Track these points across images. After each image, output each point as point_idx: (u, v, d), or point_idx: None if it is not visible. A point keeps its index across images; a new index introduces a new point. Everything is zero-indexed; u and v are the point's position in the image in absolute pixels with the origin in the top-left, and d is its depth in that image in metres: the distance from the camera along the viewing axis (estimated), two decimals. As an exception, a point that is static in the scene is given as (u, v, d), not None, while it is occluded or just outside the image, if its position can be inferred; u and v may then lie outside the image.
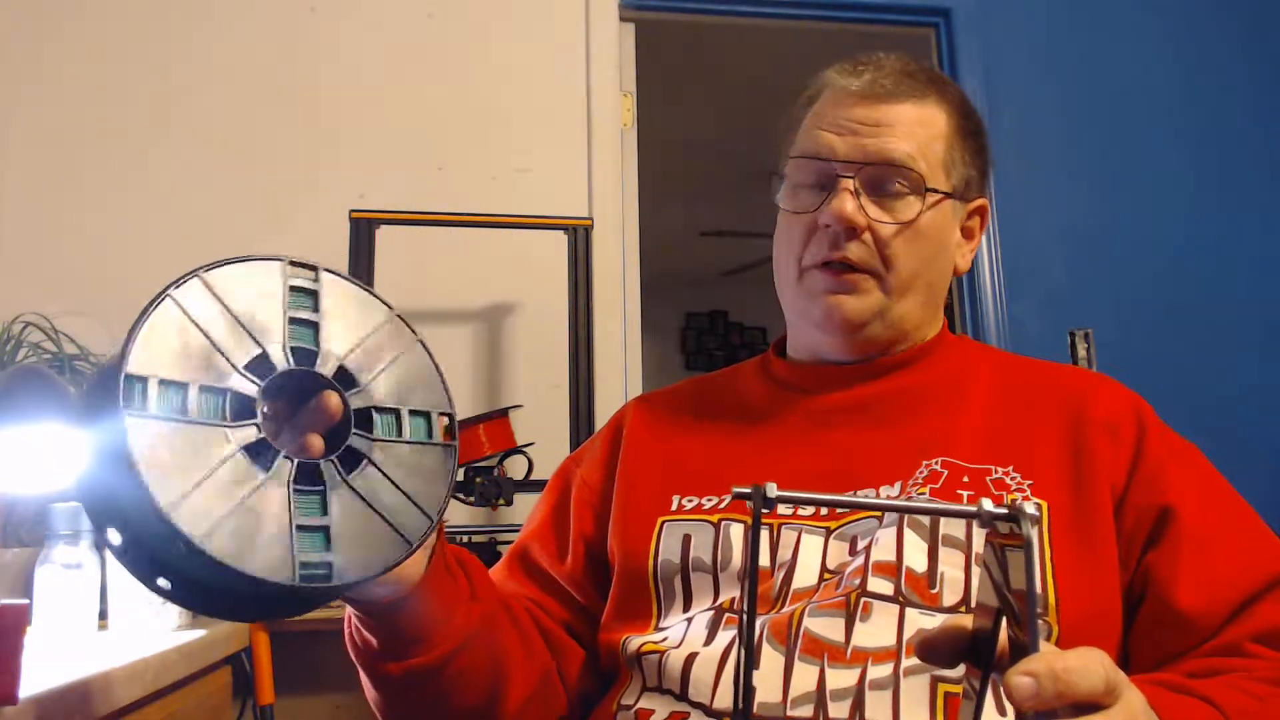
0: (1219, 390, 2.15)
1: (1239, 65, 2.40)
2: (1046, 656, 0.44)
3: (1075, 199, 2.26)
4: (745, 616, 0.48)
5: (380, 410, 0.59)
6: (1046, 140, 2.28)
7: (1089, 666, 0.46)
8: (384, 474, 0.58)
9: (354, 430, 0.57)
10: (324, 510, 0.55)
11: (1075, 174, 2.27)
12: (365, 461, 0.58)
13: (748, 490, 0.48)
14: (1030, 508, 0.45)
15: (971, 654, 0.48)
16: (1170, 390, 0.85)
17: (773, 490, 0.48)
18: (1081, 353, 2.14)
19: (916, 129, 0.83)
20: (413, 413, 0.61)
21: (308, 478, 0.55)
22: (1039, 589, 0.69)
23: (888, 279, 0.82)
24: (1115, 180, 2.29)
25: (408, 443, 0.60)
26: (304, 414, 0.58)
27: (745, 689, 0.46)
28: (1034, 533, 0.44)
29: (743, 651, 0.47)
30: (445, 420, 0.62)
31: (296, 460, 0.54)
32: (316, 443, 0.57)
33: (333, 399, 0.57)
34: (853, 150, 0.82)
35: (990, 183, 0.92)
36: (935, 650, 0.50)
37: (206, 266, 0.55)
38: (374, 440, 0.58)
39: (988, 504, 0.46)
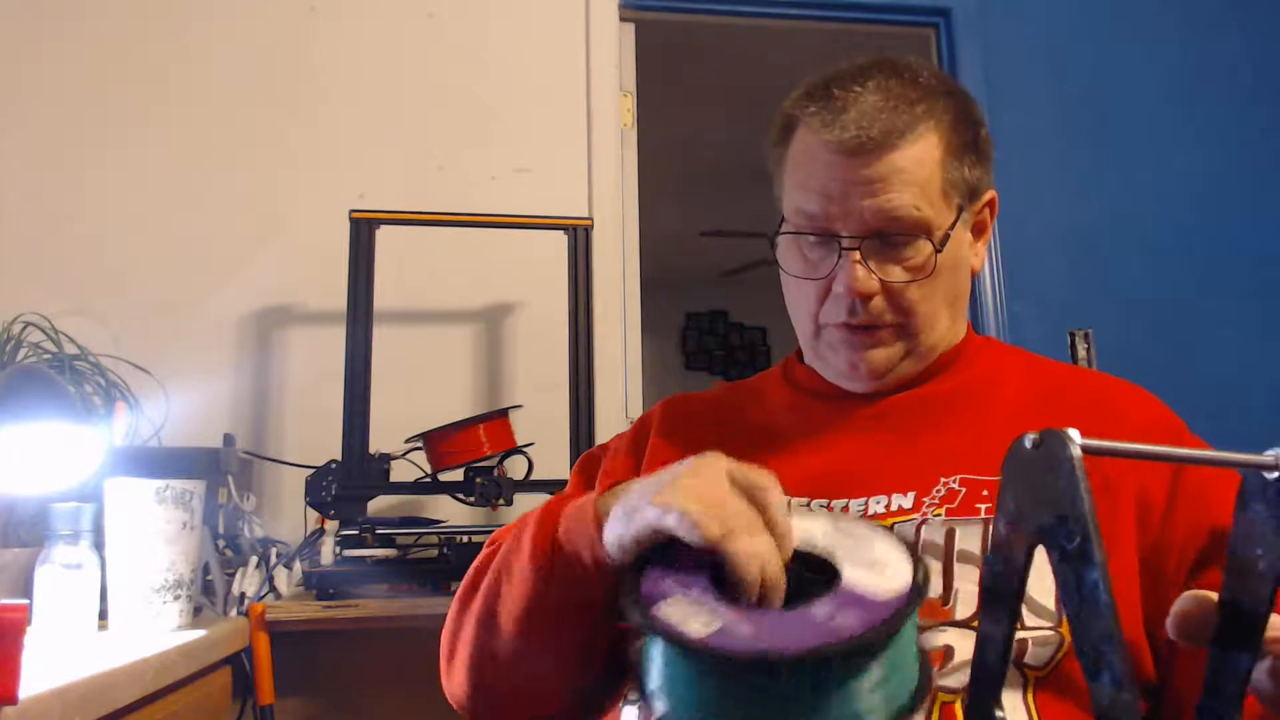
0: (1219, 391, 2.15)
1: (1239, 65, 2.40)
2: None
3: (1075, 199, 2.26)
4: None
5: None
6: (1046, 140, 2.27)
7: None
8: None
9: None
10: None
11: (1075, 174, 2.27)
12: None
13: None
14: (1074, 432, 0.45)
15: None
16: (1169, 391, 0.84)
17: None
18: (1081, 353, 2.14)
19: (913, 172, 0.78)
20: None
21: None
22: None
23: (909, 325, 0.82)
24: (1115, 180, 2.28)
25: None
26: None
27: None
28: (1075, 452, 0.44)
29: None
30: None
31: None
32: None
33: None
34: (850, 216, 0.78)
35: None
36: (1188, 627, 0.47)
37: None
38: None
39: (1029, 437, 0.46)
